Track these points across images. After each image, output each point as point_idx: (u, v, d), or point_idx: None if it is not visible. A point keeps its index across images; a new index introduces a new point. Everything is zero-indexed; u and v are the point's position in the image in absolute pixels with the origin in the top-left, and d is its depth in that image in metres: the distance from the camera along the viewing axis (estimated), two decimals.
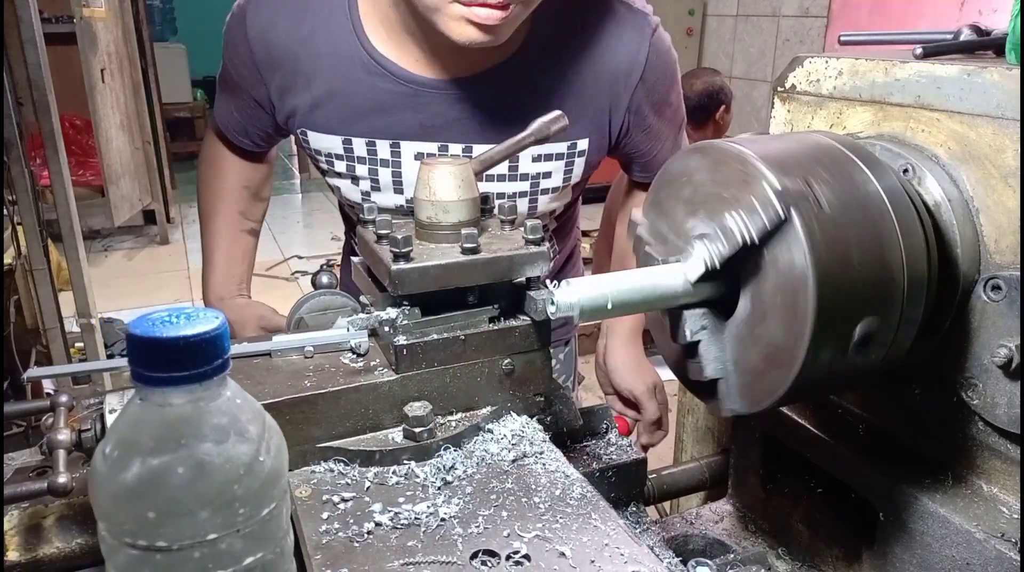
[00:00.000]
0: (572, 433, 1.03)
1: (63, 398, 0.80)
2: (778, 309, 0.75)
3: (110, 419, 0.77)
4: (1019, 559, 0.79)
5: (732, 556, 1.08)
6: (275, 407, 0.80)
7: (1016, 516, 0.83)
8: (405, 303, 0.87)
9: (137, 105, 5.55)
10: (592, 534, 0.73)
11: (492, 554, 0.70)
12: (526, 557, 0.70)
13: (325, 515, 0.75)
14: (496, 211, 1.00)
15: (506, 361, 0.91)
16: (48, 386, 2.74)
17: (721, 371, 0.82)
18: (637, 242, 0.91)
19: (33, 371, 0.83)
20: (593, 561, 0.69)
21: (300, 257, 5.44)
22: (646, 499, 1.14)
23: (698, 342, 0.83)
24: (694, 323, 0.84)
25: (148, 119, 5.72)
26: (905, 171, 0.88)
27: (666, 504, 1.43)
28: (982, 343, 0.83)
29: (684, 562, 0.94)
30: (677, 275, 0.81)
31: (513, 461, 0.85)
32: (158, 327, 0.42)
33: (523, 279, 0.92)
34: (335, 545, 0.71)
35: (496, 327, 0.90)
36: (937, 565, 0.87)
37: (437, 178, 0.93)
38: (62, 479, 0.72)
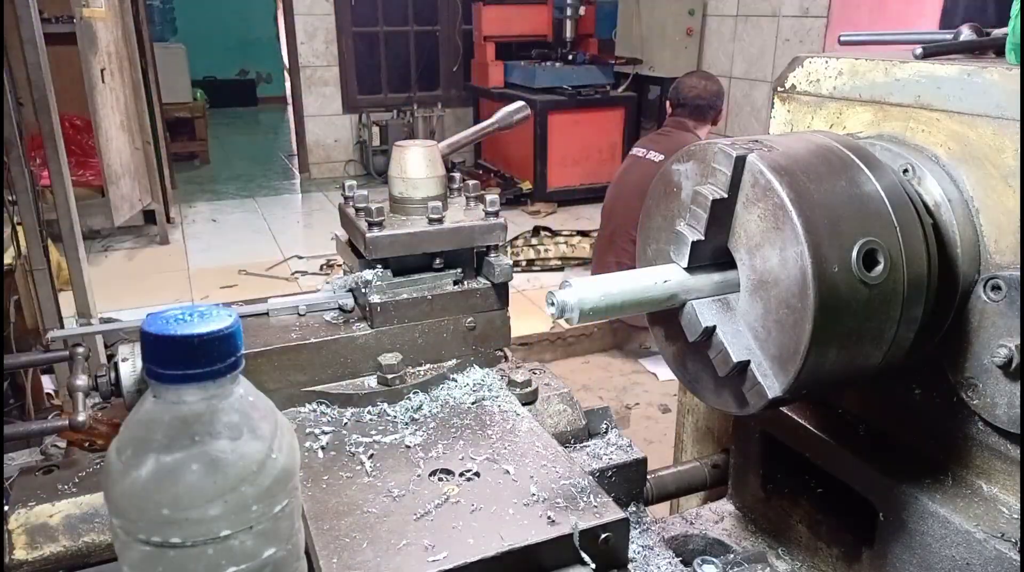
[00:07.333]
0: (573, 433, 1.05)
1: (80, 349, 0.91)
2: (774, 246, 0.75)
3: (123, 367, 0.85)
4: (1019, 559, 0.79)
5: (733, 556, 1.08)
6: (265, 354, 0.94)
7: (1016, 516, 0.84)
8: (379, 266, 1.00)
9: (137, 105, 5.53)
10: (534, 457, 0.84)
11: (448, 472, 0.82)
12: (476, 474, 0.81)
13: (308, 444, 0.87)
14: (462, 189, 1.14)
15: (469, 319, 1.04)
16: (48, 385, 2.74)
17: (747, 352, 0.80)
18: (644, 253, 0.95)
19: (55, 333, 0.81)
20: (532, 477, 0.80)
21: (300, 257, 5.41)
22: (646, 499, 1.15)
23: (714, 329, 0.81)
24: (705, 310, 0.83)
25: (148, 119, 5.70)
26: (905, 171, 0.88)
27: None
28: (982, 343, 0.84)
29: (685, 562, 0.94)
30: (674, 269, 0.83)
31: (473, 403, 0.97)
32: (172, 325, 0.43)
33: (484, 247, 1.05)
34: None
35: (460, 289, 1.03)
36: (937, 565, 0.87)
37: (408, 158, 1.06)
38: (81, 417, 0.82)
